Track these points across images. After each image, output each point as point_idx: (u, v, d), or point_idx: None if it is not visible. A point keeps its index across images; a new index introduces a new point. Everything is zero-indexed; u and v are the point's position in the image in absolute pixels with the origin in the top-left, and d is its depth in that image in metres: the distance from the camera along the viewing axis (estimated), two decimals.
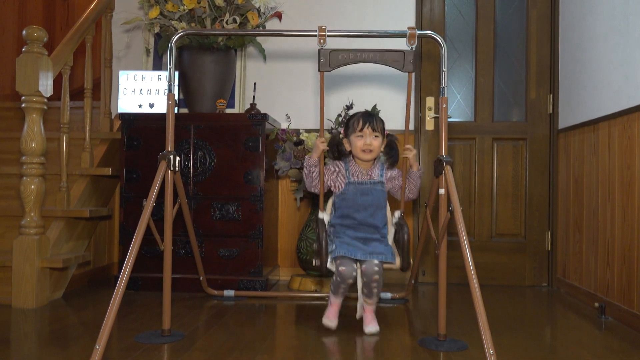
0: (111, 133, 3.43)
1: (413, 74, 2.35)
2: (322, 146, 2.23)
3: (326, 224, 2.27)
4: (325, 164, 2.32)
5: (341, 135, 2.35)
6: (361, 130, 2.21)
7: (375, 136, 2.22)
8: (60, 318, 2.46)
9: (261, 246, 3.01)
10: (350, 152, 2.28)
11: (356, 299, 2.30)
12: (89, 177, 3.18)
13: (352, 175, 2.27)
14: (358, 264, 2.20)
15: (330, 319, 2.27)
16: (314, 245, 2.27)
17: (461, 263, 1.90)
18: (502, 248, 3.47)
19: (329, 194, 2.37)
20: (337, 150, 2.29)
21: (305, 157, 2.32)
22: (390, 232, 2.32)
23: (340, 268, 2.15)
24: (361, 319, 2.28)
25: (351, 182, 2.26)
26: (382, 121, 2.28)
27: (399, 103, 3.47)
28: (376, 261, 2.17)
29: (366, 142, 2.20)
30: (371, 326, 2.23)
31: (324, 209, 2.30)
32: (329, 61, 2.18)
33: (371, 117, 2.24)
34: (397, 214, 2.31)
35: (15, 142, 3.27)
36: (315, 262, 2.21)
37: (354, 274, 2.18)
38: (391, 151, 2.29)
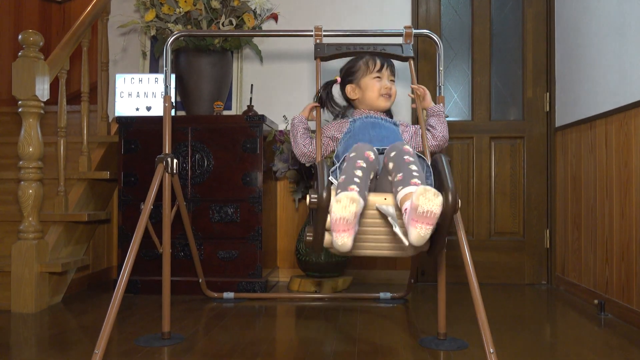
0: (108, 136, 3.43)
1: (413, 60, 2.14)
2: (315, 106, 1.87)
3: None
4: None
5: (337, 81, 1.91)
6: (379, 70, 1.82)
7: (392, 80, 1.85)
8: (59, 322, 2.46)
9: (260, 248, 3.01)
10: (352, 101, 1.84)
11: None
12: (87, 181, 3.17)
13: (356, 115, 1.81)
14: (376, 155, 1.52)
15: (342, 234, 1.36)
16: (309, 196, 1.47)
17: (460, 262, 1.90)
18: (501, 246, 3.47)
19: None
20: (329, 100, 1.89)
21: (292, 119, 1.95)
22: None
23: (354, 145, 1.54)
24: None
25: (357, 119, 1.78)
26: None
27: (398, 100, 3.46)
28: (405, 144, 1.56)
29: (386, 85, 1.81)
30: (419, 224, 1.34)
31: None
32: (325, 50, 2.12)
33: (388, 59, 1.85)
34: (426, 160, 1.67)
35: (13, 146, 3.26)
36: (307, 236, 1.53)
37: (375, 150, 1.54)
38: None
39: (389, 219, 1.43)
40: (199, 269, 2.77)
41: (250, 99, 3.40)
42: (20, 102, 2.64)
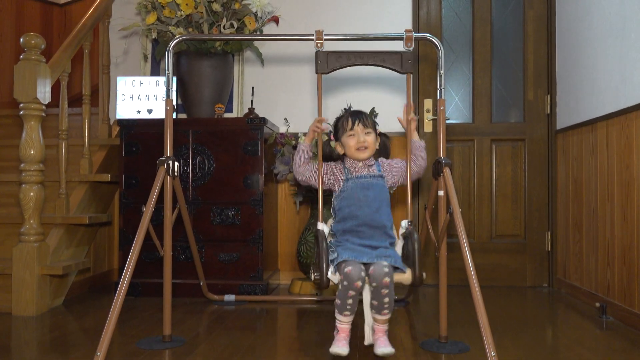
0: (110, 139, 3.43)
1: (411, 75, 2.27)
2: (316, 129, 2.08)
3: (326, 234, 2.03)
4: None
5: (332, 143, 2.21)
6: (352, 128, 2.06)
7: (367, 132, 2.06)
8: (60, 325, 2.46)
9: (261, 250, 3.01)
10: (344, 154, 2.12)
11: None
12: (88, 184, 3.18)
13: (350, 169, 2.08)
14: (365, 271, 1.91)
15: (340, 346, 1.93)
16: (313, 266, 1.96)
17: (461, 265, 1.90)
18: (502, 249, 3.47)
19: (328, 202, 2.20)
20: (329, 159, 2.16)
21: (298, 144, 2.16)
22: (398, 245, 2.05)
23: (346, 269, 1.87)
24: (370, 346, 2.02)
25: (350, 178, 2.06)
26: (371, 117, 2.14)
27: (397, 105, 3.47)
28: (385, 262, 1.90)
29: (359, 139, 2.04)
30: (384, 346, 1.94)
31: (324, 222, 2.09)
32: (327, 63, 2.17)
33: (360, 114, 2.09)
34: (404, 223, 2.05)
35: (14, 149, 3.27)
36: (314, 275, 1.92)
37: (362, 274, 1.88)
38: (384, 150, 2.17)
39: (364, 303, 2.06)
40: (200, 272, 2.76)
41: (252, 101, 3.41)
42: (21, 105, 2.65)
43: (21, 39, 2.66)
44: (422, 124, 3.51)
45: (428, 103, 3.50)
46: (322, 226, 2.04)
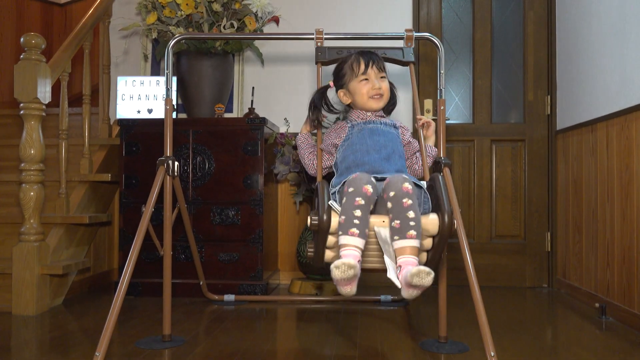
0: (110, 139, 3.43)
1: (414, 67, 2.17)
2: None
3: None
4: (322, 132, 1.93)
5: (331, 86, 1.93)
6: (365, 72, 1.79)
7: (382, 77, 1.81)
8: (60, 325, 2.46)
9: (261, 250, 3.01)
10: (349, 105, 1.86)
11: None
12: (88, 183, 3.18)
13: (354, 119, 1.82)
14: (374, 182, 1.55)
15: (347, 286, 1.47)
16: (309, 220, 1.54)
17: (461, 265, 1.90)
18: (502, 249, 3.47)
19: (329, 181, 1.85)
20: (326, 105, 1.87)
21: (297, 136, 1.99)
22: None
23: (352, 176, 1.55)
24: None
25: (356, 124, 1.77)
26: (379, 55, 1.87)
27: (399, 103, 3.46)
28: (404, 175, 1.59)
29: (374, 85, 1.78)
30: (414, 284, 1.44)
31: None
32: (326, 54, 2.16)
33: (372, 55, 1.81)
34: (424, 183, 1.71)
35: (14, 149, 3.27)
36: (311, 220, 1.53)
37: (373, 180, 1.55)
38: (392, 99, 1.90)
39: (382, 245, 1.54)
40: (199, 272, 2.77)
41: (252, 101, 3.41)
42: (22, 105, 2.65)
43: (21, 39, 2.66)
44: None
45: (428, 103, 3.50)
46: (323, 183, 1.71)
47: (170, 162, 2.14)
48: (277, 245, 3.50)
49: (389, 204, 1.51)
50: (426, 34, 2.21)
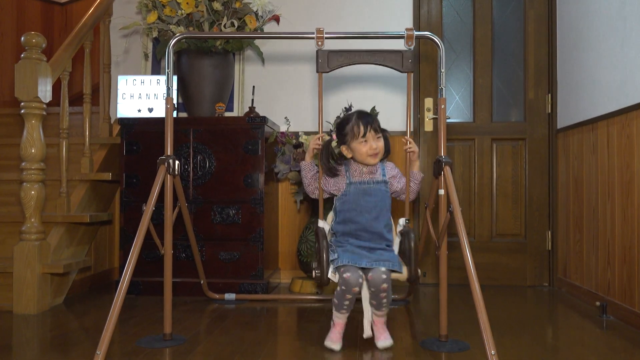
0: (110, 138, 3.43)
1: (412, 74, 2.30)
2: (317, 146, 2.15)
3: (326, 232, 2.11)
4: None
5: (334, 143, 2.21)
6: (364, 135, 2.07)
7: (378, 137, 2.10)
8: (61, 324, 2.46)
9: (262, 249, 3.01)
10: (351, 158, 2.15)
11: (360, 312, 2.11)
12: (89, 182, 3.18)
13: (353, 175, 2.13)
14: (363, 276, 2.01)
15: (334, 341, 2.05)
16: (314, 262, 2.07)
17: (462, 264, 1.90)
18: (503, 248, 3.47)
19: (329, 201, 2.24)
20: (331, 160, 2.15)
21: (301, 162, 2.23)
22: (396, 242, 2.15)
23: (344, 275, 1.96)
24: (369, 339, 2.08)
25: (352, 182, 2.11)
26: (375, 118, 2.16)
27: (397, 104, 3.47)
28: (383, 268, 1.99)
29: (372, 146, 2.07)
30: (383, 339, 2.06)
31: (324, 218, 2.18)
32: (327, 62, 2.18)
33: (370, 119, 2.10)
34: (402, 221, 2.14)
35: (15, 148, 3.27)
36: (315, 272, 2.01)
37: (360, 281, 1.98)
38: (386, 145, 2.17)
39: (362, 297, 2.09)
40: (200, 271, 2.77)
41: (252, 100, 3.41)
42: (22, 104, 2.65)
43: (22, 38, 2.66)
44: (422, 122, 3.51)
45: (429, 102, 3.50)
46: (322, 224, 2.15)
47: (171, 161, 2.14)
48: (278, 244, 3.50)
49: (370, 293, 2.03)
50: (427, 33, 2.21)
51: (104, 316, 1.96)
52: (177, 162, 2.18)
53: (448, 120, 3.51)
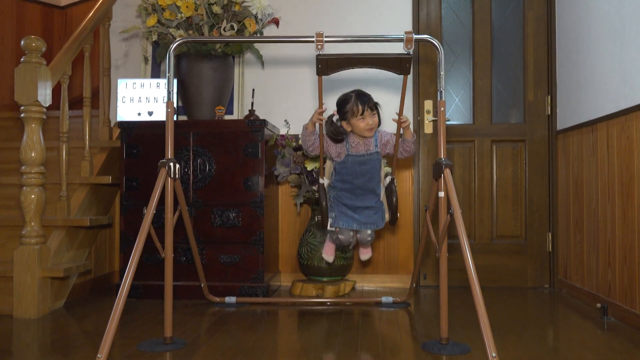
0: (110, 141, 3.44)
1: (409, 76, 2.50)
2: (318, 120, 2.40)
3: (326, 188, 2.58)
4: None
5: (335, 117, 2.51)
6: (362, 113, 2.42)
7: (373, 114, 2.45)
8: (61, 327, 2.46)
9: (262, 252, 3.01)
10: (350, 131, 2.48)
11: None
12: (89, 186, 3.18)
13: (351, 147, 2.50)
14: (353, 233, 2.59)
15: (329, 255, 2.73)
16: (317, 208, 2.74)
17: (462, 266, 1.90)
18: (503, 250, 3.47)
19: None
20: (336, 133, 2.47)
21: (303, 125, 2.48)
22: (382, 191, 2.62)
23: (340, 236, 2.59)
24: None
25: (350, 154, 2.50)
26: (371, 97, 2.47)
27: (396, 105, 3.46)
28: (369, 231, 2.59)
29: (369, 123, 2.43)
30: (364, 254, 2.73)
31: (324, 175, 2.59)
32: (327, 66, 2.19)
33: (367, 99, 2.44)
34: (388, 179, 2.60)
35: (15, 152, 3.27)
36: (317, 218, 2.81)
37: (351, 239, 2.60)
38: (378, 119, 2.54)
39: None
40: (200, 274, 2.77)
41: (252, 103, 3.41)
42: (22, 108, 2.65)
43: (22, 42, 2.67)
44: (422, 125, 3.52)
45: (428, 104, 3.51)
46: (323, 181, 2.59)
47: (171, 164, 2.14)
48: (278, 247, 3.50)
49: (360, 241, 2.65)
50: (426, 36, 2.21)
51: (105, 320, 1.96)
52: (177, 165, 2.18)
53: (448, 122, 3.51)
